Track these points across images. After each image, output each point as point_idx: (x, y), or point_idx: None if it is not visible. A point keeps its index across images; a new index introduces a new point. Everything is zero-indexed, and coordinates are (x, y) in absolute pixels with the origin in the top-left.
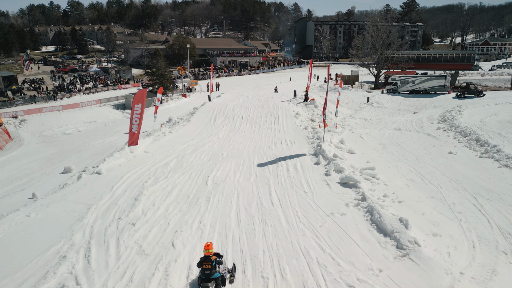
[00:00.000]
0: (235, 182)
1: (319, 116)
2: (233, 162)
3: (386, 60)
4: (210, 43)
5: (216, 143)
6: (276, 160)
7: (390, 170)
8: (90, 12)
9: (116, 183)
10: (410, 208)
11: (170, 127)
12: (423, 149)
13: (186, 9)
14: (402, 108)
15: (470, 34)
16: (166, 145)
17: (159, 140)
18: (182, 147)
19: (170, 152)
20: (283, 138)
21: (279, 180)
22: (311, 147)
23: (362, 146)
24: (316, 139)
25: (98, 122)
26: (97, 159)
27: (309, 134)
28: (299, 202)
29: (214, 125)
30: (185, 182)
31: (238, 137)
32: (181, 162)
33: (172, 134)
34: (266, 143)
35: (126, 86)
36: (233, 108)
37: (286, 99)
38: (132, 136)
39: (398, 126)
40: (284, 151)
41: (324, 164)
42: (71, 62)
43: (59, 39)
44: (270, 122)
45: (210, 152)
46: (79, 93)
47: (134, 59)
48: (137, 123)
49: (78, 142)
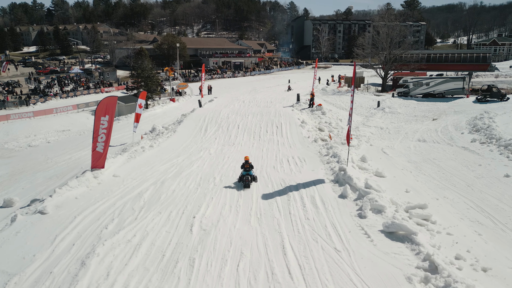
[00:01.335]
0: (232, 228)
1: (328, 124)
2: (228, 192)
3: (394, 60)
4: (202, 43)
5: (207, 161)
6: (285, 189)
7: (442, 206)
8: (75, 10)
9: (62, 230)
10: (505, 283)
11: (152, 139)
12: (467, 169)
13: (177, 8)
14: (418, 114)
15: (471, 34)
16: (143, 165)
17: (136, 157)
18: (164, 167)
19: (148, 175)
20: (289, 154)
21: (294, 225)
22: (327, 168)
23: (389, 165)
24: (333, 156)
25: (72, 131)
26: (53, 184)
27: (322, 149)
28: (331, 270)
29: (205, 136)
30: (161, 228)
31: (234, 152)
32: (159, 191)
33: (153, 149)
34: (269, 161)
35: (109, 89)
36: (228, 115)
37: (288, 104)
38: (97, 157)
39: (422, 136)
40: (294, 175)
41: (354, 198)
42: (52, 63)
43: (41, 39)
44: (271, 132)
45: (199, 175)
46: (55, 97)
47: (120, 60)
48: (103, 140)
49: (40, 158)
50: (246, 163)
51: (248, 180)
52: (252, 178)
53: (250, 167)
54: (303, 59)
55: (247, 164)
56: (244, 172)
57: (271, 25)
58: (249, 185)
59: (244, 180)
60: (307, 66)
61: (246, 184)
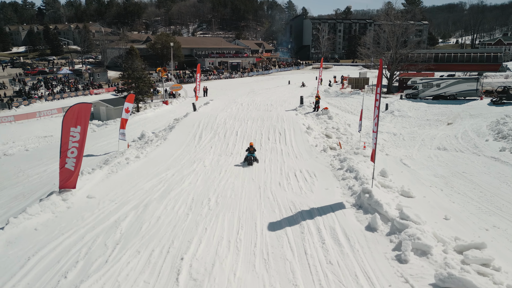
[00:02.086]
0: (231, 276)
1: (336, 130)
2: (226, 219)
3: (401, 60)
4: (198, 42)
5: (201, 176)
6: (296, 217)
7: (497, 240)
8: (67, 10)
9: (7, 281)
10: None
11: (140, 147)
12: (508, 186)
13: (172, 7)
14: (431, 117)
15: (473, 34)
16: (126, 182)
17: (118, 172)
18: (150, 184)
19: (129, 195)
20: (296, 167)
21: (313, 273)
22: (344, 186)
23: (414, 180)
24: (348, 171)
25: (55, 137)
26: (17, 206)
27: (333, 161)
28: None
29: (199, 145)
30: (137, 277)
31: (233, 165)
32: (141, 219)
33: (139, 161)
34: (273, 176)
35: (99, 91)
36: (225, 120)
37: (290, 107)
38: (67, 176)
39: (441, 143)
40: (305, 195)
41: (386, 232)
42: (41, 64)
43: (30, 39)
44: (274, 140)
45: (190, 195)
46: (40, 100)
47: (112, 61)
48: (75, 156)
49: (12, 170)
50: (251, 147)
51: (251, 160)
52: (254, 159)
53: (254, 150)
54: (302, 59)
55: (252, 148)
56: (248, 154)
57: (269, 25)
58: (252, 163)
59: (248, 159)
60: (307, 67)
61: (249, 163)
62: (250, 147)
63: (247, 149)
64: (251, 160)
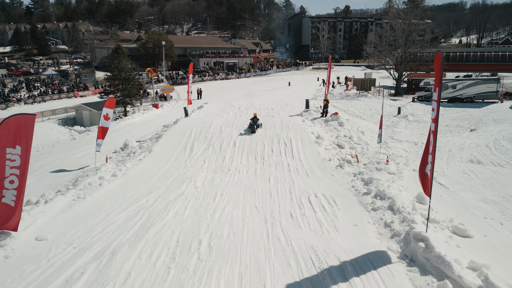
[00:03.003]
0: None
1: (348, 139)
2: (222, 278)
3: (410, 60)
4: (192, 42)
5: (191, 203)
6: (323, 276)
7: None
8: (56, 8)
9: None
10: None
11: (120, 162)
12: None
13: (166, 6)
14: (450, 122)
15: (474, 34)
16: (93, 213)
17: (86, 198)
18: (124, 217)
19: (94, 234)
20: (310, 190)
21: None
22: (378, 221)
23: (460, 208)
24: (379, 198)
25: None
26: None
27: (355, 182)
28: None
29: (190, 158)
30: None
31: (230, 184)
32: (102, 276)
33: (116, 180)
34: (282, 203)
35: (85, 93)
36: (220, 128)
37: (294, 111)
38: (4, 214)
39: (473, 155)
40: (328, 236)
41: None
42: (27, 64)
43: (16, 38)
44: (278, 152)
45: (175, 235)
46: (19, 103)
47: (101, 61)
48: (15, 187)
49: None
50: (255, 118)
51: (254, 128)
52: (257, 126)
53: (257, 119)
54: (301, 59)
55: (256, 119)
56: (252, 123)
57: (266, 24)
58: (255, 131)
59: (251, 127)
60: (306, 67)
61: (252, 130)
62: (254, 118)
63: (251, 119)
64: (254, 128)
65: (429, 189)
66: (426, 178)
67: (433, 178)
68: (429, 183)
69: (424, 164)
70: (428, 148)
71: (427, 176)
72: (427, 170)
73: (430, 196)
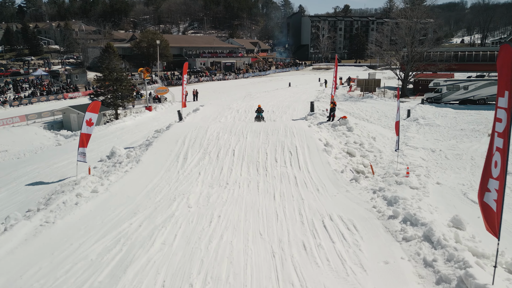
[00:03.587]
0: None
1: (359, 146)
2: None
3: (417, 59)
4: (188, 41)
5: (182, 229)
6: None
7: None
8: (49, 7)
9: None
10: None
11: (105, 174)
12: None
13: (161, 5)
14: (464, 126)
15: (476, 33)
16: (61, 245)
17: (56, 223)
18: (99, 248)
19: (59, 276)
20: (323, 210)
21: None
22: (414, 256)
23: (507, 235)
24: (409, 224)
25: (10, 152)
26: None
27: (376, 200)
28: None
29: (183, 170)
30: None
31: (229, 203)
32: None
33: (96, 198)
34: (291, 228)
35: (75, 95)
36: (218, 134)
37: (297, 115)
38: None
39: None
40: (354, 279)
41: None
42: (17, 64)
43: (7, 38)
44: (283, 162)
45: (161, 277)
46: (4, 105)
47: (93, 61)
48: None
49: None
50: (259, 109)
51: (259, 118)
52: (262, 118)
53: (262, 110)
54: (300, 59)
55: (261, 109)
56: (257, 114)
57: (264, 23)
58: (260, 121)
59: (257, 117)
60: (307, 67)
61: (258, 120)
62: (258, 109)
63: (256, 110)
64: (259, 118)
65: (495, 226)
66: (488, 210)
67: (502, 211)
68: (496, 219)
69: (483, 191)
70: (490, 170)
71: (490, 209)
72: (488, 201)
73: (499, 237)
